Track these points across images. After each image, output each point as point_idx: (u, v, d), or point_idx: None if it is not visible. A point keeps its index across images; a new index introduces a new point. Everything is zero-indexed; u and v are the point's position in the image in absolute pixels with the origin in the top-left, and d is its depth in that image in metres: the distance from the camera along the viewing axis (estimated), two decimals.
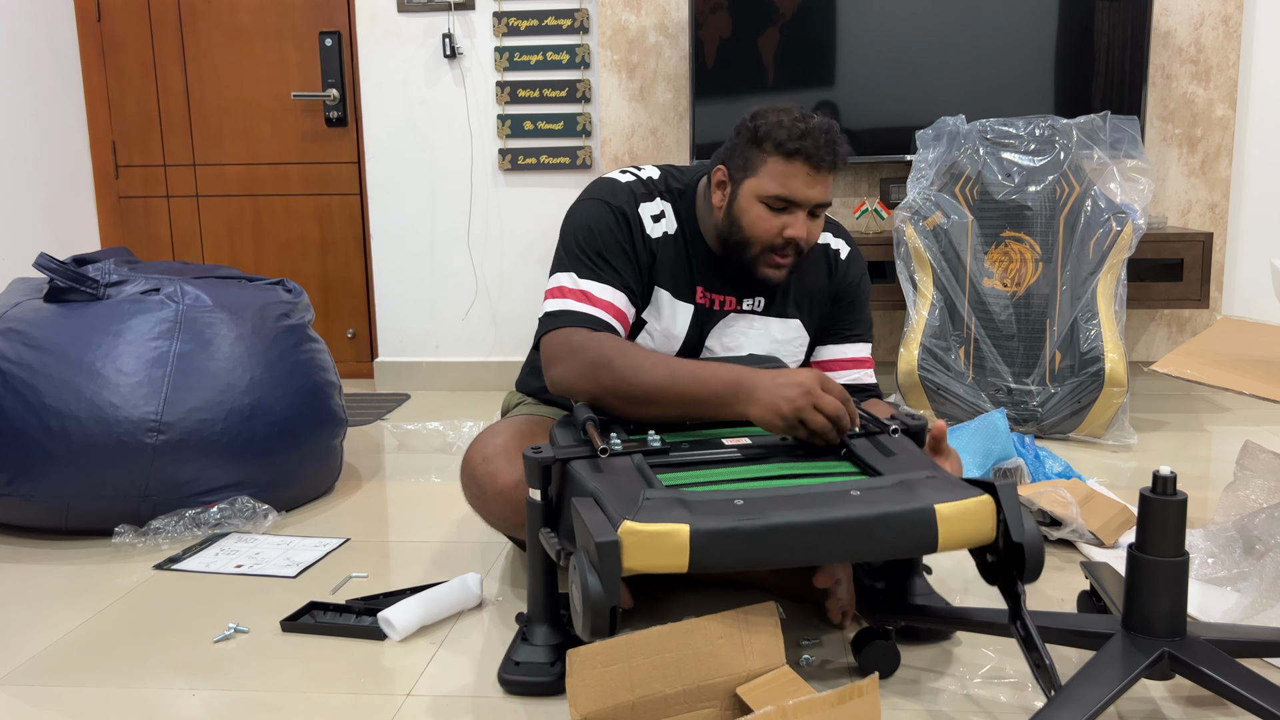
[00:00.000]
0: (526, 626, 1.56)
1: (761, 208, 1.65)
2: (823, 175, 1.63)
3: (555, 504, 1.51)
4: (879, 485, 1.38)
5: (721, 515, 1.29)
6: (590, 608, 1.24)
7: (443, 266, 3.65)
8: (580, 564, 1.27)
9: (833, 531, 1.30)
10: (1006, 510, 1.35)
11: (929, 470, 1.43)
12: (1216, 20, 3.24)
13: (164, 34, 3.78)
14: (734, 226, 1.69)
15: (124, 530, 2.15)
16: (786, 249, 1.67)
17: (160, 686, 1.56)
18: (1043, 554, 1.33)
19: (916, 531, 1.31)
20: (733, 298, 1.77)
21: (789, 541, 1.29)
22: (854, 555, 1.33)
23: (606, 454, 1.46)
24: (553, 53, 3.48)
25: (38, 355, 2.14)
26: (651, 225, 1.73)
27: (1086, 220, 2.79)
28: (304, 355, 2.38)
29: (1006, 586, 1.39)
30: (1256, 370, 1.85)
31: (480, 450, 1.75)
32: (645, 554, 1.26)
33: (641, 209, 1.73)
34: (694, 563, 1.27)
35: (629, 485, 1.38)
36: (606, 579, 1.24)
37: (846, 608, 1.66)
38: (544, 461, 1.48)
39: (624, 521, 1.26)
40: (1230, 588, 1.78)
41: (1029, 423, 2.84)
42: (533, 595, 1.55)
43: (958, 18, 3.19)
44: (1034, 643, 1.35)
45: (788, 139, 1.61)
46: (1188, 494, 1.35)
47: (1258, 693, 1.26)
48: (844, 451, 1.54)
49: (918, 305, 2.91)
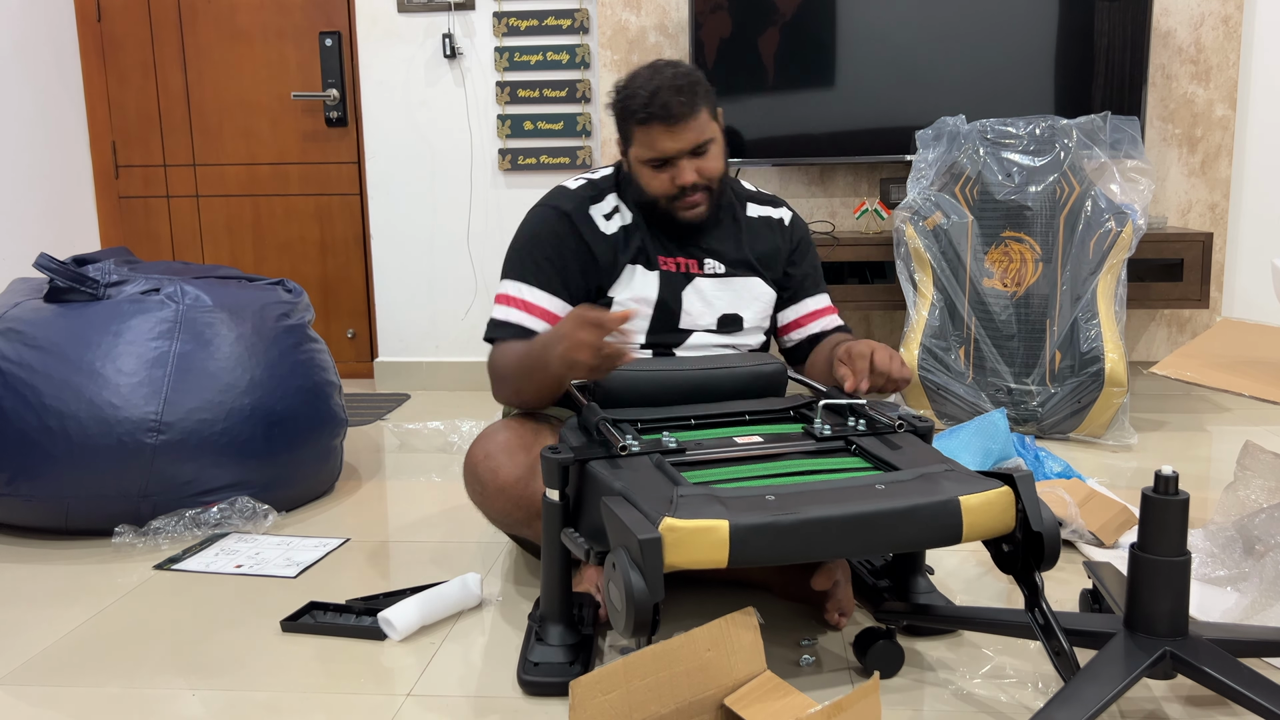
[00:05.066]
0: (540, 626, 1.56)
1: (648, 170, 1.81)
2: (682, 126, 1.74)
3: (574, 504, 1.50)
4: (901, 479, 1.40)
5: (757, 511, 1.30)
6: (634, 605, 1.24)
7: (443, 266, 3.65)
8: (621, 562, 1.26)
9: (865, 524, 1.32)
10: (1025, 501, 1.38)
11: (944, 464, 1.45)
12: (1216, 20, 3.25)
13: (164, 34, 3.78)
14: (641, 192, 1.84)
15: (124, 530, 2.15)
16: (687, 193, 1.80)
17: (160, 686, 1.56)
18: (1060, 542, 1.36)
19: (942, 523, 1.34)
20: (694, 261, 1.88)
21: (823, 535, 1.30)
22: (883, 548, 1.35)
23: (627, 453, 1.46)
24: (553, 53, 3.48)
25: (38, 355, 2.14)
26: (605, 224, 1.86)
27: (1086, 220, 2.79)
28: (304, 355, 2.38)
29: (1024, 575, 1.41)
30: (1256, 372, 1.85)
31: (482, 447, 1.76)
32: (686, 550, 1.27)
33: (592, 211, 1.87)
34: (733, 558, 1.28)
35: (656, 483, 1.39)
36: (650, 575, 1.24)
37: (845, 609, 1.67)
38: (563, 462, 1.48)
39: (664, 518, 1.27)
40: (1230, 587, 1.78)
41: (1029, 423, 2.84)
42: (548, 595, 1.55)
43: (958, 18, 3.19)
44: (1052, 629, 1.36)
45: (638, 108, 1.74)
46: (1189, 494, 1.35)
47: (1260, 692, 1.26)
48: (854, 448, 1.56)
49: (918, 305, 2.91)
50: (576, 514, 1.51)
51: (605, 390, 1.69)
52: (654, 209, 1.84)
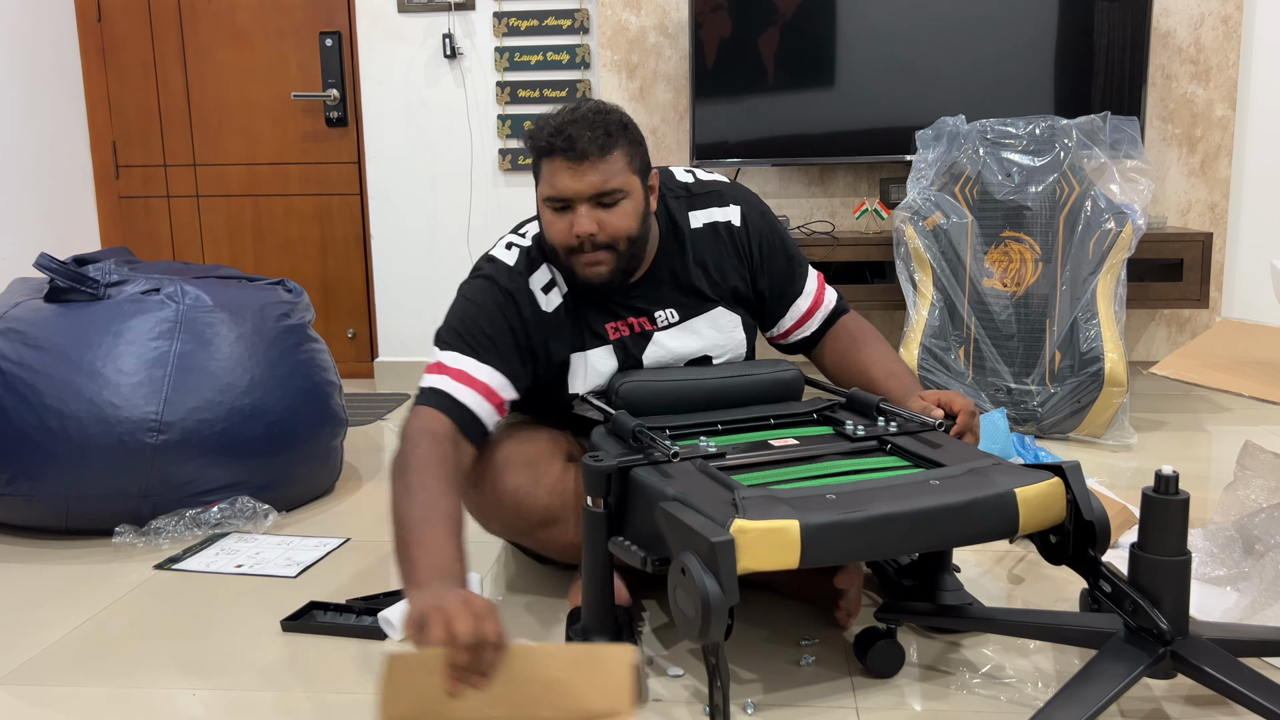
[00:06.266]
0: (584, 639, 1.53)
1: (549, 211, 1.64)
2: (588, 165, 1.58)
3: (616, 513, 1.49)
4: (952, 474, 1.40)
5: (824, 510, 1.29)
6: (710, 610, 1.22)
7: (443, 267, 3.65)
8: (693, 566, 1.24)
9: (929, 520, 1.32)
10: (1075, 491, 1.39)
11: (989, 459, 1.46)
12: (1216, 20, 3.25)
13: (164, 34, 3.78)
14: (546, 240, 1.68)
15: (124, 530, 2.15)
16: (584, 247, 1.62)
17: (160, 686, 1.56)
18: (1110, 528, 1.39)
19: (1000, 515, 1.35)
20: (644, 317, 1.74)
21: (890, 532, 1.30)
22: (945, 543, 1.35)
23: (678, 458, 1.45)
24: (553, 53, 3.48)
25: (38, 355, 2.14)
26: (543, 298, 1.70)
27: (1086, 220, 2.80)
28: (304, 355, 2.38)
29: (1078, 560, 1.42)
30: (1256, 372, 1.85)
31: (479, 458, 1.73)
32: (757, 551, 1.25)
33: (531, 282, 1.70)
34: (804, 558, 1.27)
35: (709, 487, 1.37)
36: (725, 579, 1.22)
37: (853, 610, 1.67)
38: (606, 469, 1.45)
39: (735, 520, 1.26)
40: (1230, 587, 1.78)
41: (1029, 422, 2.84)
42: (590, 606, 1.53)
43: (958, 18, 3.19)
44: (1124, 592, 1.36)
45: (545, 138, 1.59)
46: (1189, 494, 1.35)
47: (1260, 692, 1.26)
48: (889, 447, 1.57)
49: (917, 305, 2.91)
50: (620, 523, 1.49)
51: (626, 399, 1.67)
52: (556, 262, 1.68)
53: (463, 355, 1.65)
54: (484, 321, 1.66)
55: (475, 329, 1.66)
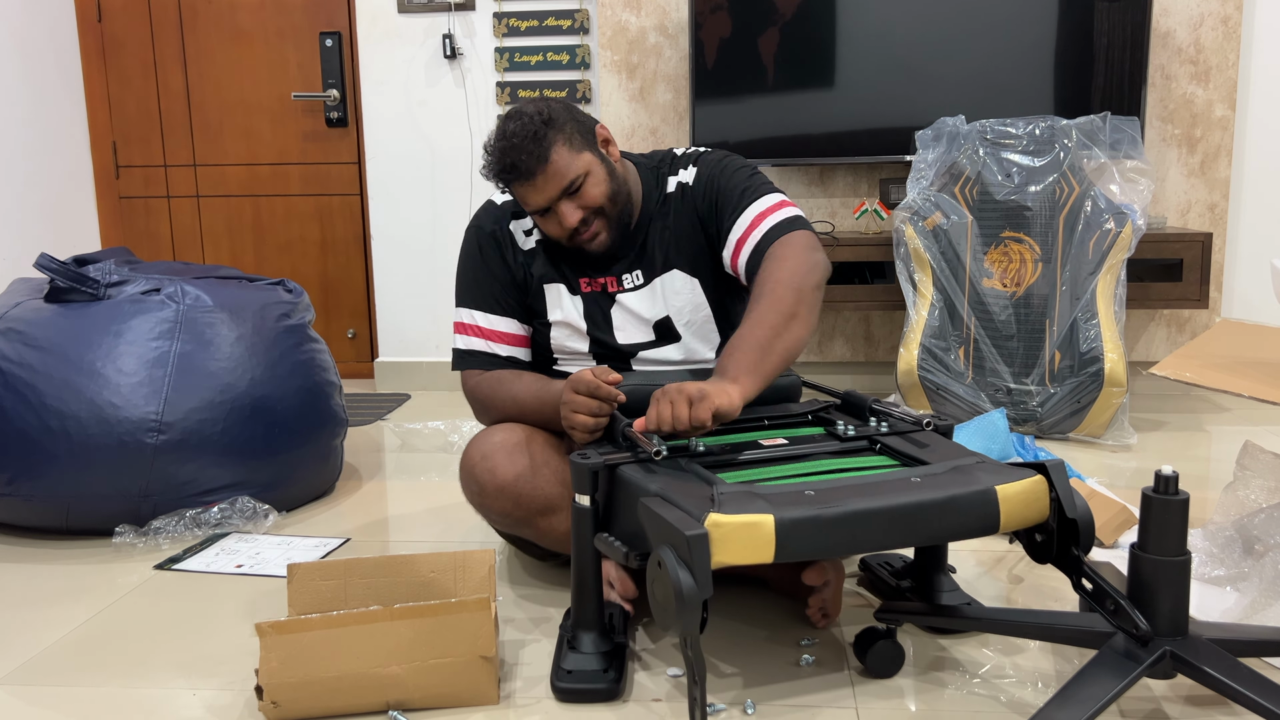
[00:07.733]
0: (573, 635, 1.55)
1: (537, 217, 1.79)
2: (541, 178, 1.70)
3: (604, 509, 1.50)
4: (935, 472, 1.41)
5: (800, 505, 1.30)
6: (683, 602, 1.23)
7: (443, 266, 3.65)
8: (668, 560, 1.26)
9: (906, 516, 1.32)
10: (1058, 488, 1.39)
11: (973, 457, 1.46)
12: (1216, 20, 3.25)
13: (164, 34, 3.78)
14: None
15: (124, 530, 2.15)
16: (579, 230, 1.76)
17: (160, 686, 1.56)
18: (1094, 526, 1.39)
19: (980, 512, 1.35)
20: (613, 278, 1.85)
21: (866, 528, 1.31)
22: (924, 539, 1.35)
23: (661, 455, 1.46)
24: (553, 53, 3.49)
25: (38, 355, 2.14)
26: (524, 239, 1.87)
27: (1086, 220, 2.80)
28: (304, 355, 2.38)
29: (1063, 558, 1.42)
30: (1255, 372, 1.85)
31: (479, 448, 1.76)
32: (733, 546, 1.26)
33: (513, 225, 1.87)
34: (779, 552, 1.27)
35: (692, 483, 1.39)
36: (699, 572, 1.24)
37: (829, 609, 1.67)
38: (593, 467, 1.47)
39: (710, 514, 1.27)
40: (1229, 587, 1.78)
41: (1028, 423, 2.84)
42: (579, 603, 1.54)
43: (957, 18, 3.19)
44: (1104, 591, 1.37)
45: (497, 172, 1.73)
46: (1189, 494, 1.35)
47: (1260, 692, 1.26)
48: (878, 447, 1.57)
49: (917, 305, 2.91)
50: (608, 519, 1.51)
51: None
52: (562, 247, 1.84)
53: (479, 311, 1.86)
54: (479, 271, 1.86)
55: (478, 281, 1.86)
